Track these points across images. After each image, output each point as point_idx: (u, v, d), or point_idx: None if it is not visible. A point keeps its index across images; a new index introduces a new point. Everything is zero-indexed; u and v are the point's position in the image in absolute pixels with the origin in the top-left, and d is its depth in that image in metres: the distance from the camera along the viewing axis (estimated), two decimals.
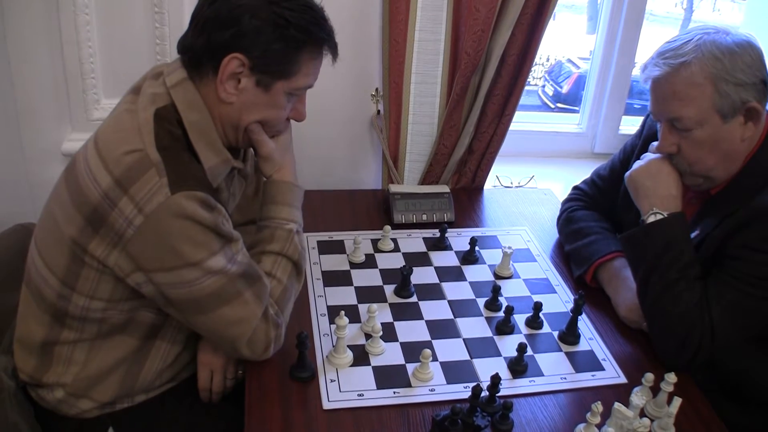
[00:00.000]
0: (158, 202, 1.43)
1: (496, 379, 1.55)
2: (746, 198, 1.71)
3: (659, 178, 1.82)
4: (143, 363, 1.69)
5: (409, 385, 1.64)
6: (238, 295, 1.55)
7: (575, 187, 2.32)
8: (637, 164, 1.88)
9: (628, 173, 1.89)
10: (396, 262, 2.10)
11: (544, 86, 6.16)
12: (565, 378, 1.71)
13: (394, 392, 1.62)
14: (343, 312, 1.69)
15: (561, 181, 2.89)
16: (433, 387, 1.64)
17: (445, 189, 2.39)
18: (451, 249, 2.20)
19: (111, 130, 1.56)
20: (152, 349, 1.69)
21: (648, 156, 1.87)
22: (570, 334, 1.83)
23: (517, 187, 2.83)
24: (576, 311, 1.82)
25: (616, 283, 1.95)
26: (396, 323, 1.84)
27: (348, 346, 1.71)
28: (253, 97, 1.58)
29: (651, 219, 1.78)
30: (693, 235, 1.79)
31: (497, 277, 2.07)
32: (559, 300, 1.99)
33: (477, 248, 2.16)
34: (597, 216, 2.16)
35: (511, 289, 2.02)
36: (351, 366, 1.68)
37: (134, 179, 1.45)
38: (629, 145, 2.12)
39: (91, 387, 1.66)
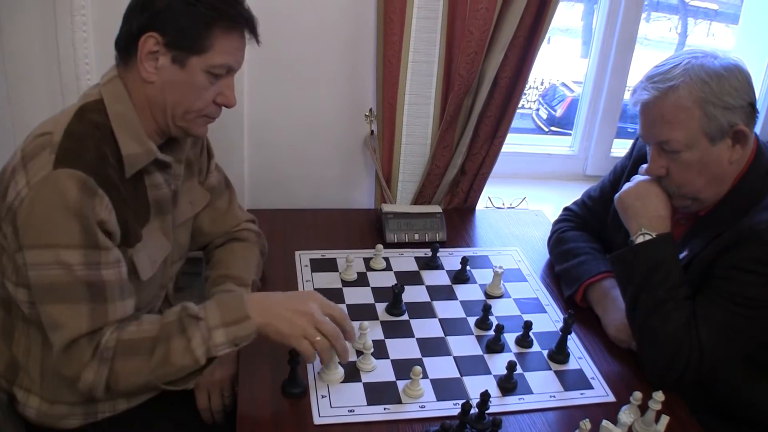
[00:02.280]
0: (42, 176, 1.47)
1: (485, 397, 1.56)
2: (734, 219, 1.72)
3: (648, 199, 1.83)
4: None
5: (399, 402, 1.65)
6: (74, 301, 1.50)
7: (566, 208, 2.34)
8: (626, 186, 1.90)
9: (617, 194, 1.91)
10: (388, 280, 2.11)
11: (538, 110, 6.18)
12: (554, 396, 1.72)
13: (385, 408, 1.63)
14: None
15: (552, 202, 2.90)
16: (424, 404, 1.65)
17: (437, 209, 2.41)
18: (442, 268, 2.21)
19: (49, 119, 1.63)
20: None
21: (637, 178, 1.89)
22: (559, 353, 1.84)
23: (508, 208, 2.85)
24: (565, 330, 1.83)
25: (606, 303, 1.96)
26: (387, 341, 1.85)
27: (339, 362, 1.72)
28: (172, 75, 1.60)
29: (640, 240, 1.80)
30: (681, 255, 1.81)
31: (488, 296, 2.09)
32: (549, 319, 2.00)
33: (468, 268, 2.17)
34: (587, 237, 2.18)
35: (501, 309, 2.03)
36: (342, 382, 1.69)
37: (33, 157, 1.50)
38: (619, 166, 2.15)
39: (58, 387, 1.66)
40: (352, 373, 1.72)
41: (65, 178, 1.46)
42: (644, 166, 1.87)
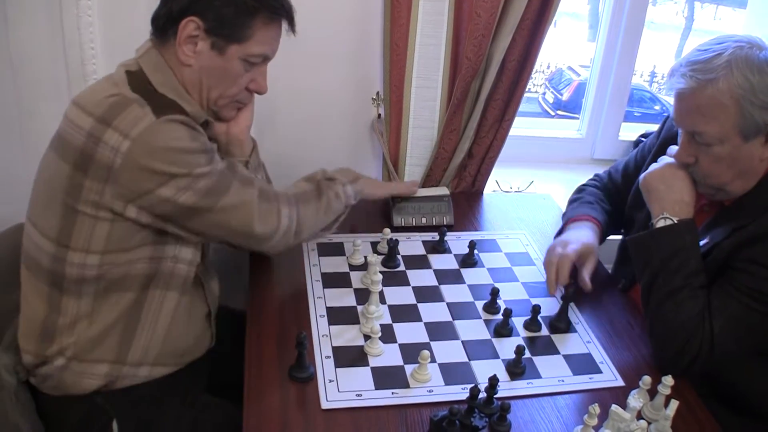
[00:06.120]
0: (144, 125, 1.52)
1: (494, 381, 1.56)
2: (759, 213, 1.71)
3: (673, 183, 1.81)
4: (139, 316, 1.71)
5: (407, 386, 1.65)
6: (229, 184, 1.65)
7: (595, 175, 2.37)
8: (652, 167, 1.88)
9: (642, 175, 1.89)
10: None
11: (544, 93, 6.17)
12: (562, 380, 1.72)
13: (393, 393, 1.63)
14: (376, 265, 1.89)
15: (560, 186, 2.90)
16: (431, 388, 1.65)
17: (445, 191, 2.40)
18: (450, 252, 2.20)
19: (88, 91, 1.67)
20: (146, 300, 1.71)
21: (664, 159, 1.87)
22: (560, 321, 1.86)
23: (516, 192, 2.84)
24: (566, 298, 1.86)
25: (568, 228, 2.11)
26: (395, 325, 1.85)
27: (347, 347, 1.73)
28: (210, 61, 1.68)
29: (661, 224, 1.78)
30: (702, 243, 1.78)
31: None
32: (557, 303, 1.99)
33: (476, 252, 2.16)
34: (602, 195, 2.23)
35: (509, 293, 2.02)
36: (350, 366, 1.69)
37: (116, 114, 1.54)
38: (647, 145, 2.14)
39: (91, 349, 1.68)
40: (359, 358, 1.72)
41: (173, 124, 1.55)
42: (673, 147, 1.85)
